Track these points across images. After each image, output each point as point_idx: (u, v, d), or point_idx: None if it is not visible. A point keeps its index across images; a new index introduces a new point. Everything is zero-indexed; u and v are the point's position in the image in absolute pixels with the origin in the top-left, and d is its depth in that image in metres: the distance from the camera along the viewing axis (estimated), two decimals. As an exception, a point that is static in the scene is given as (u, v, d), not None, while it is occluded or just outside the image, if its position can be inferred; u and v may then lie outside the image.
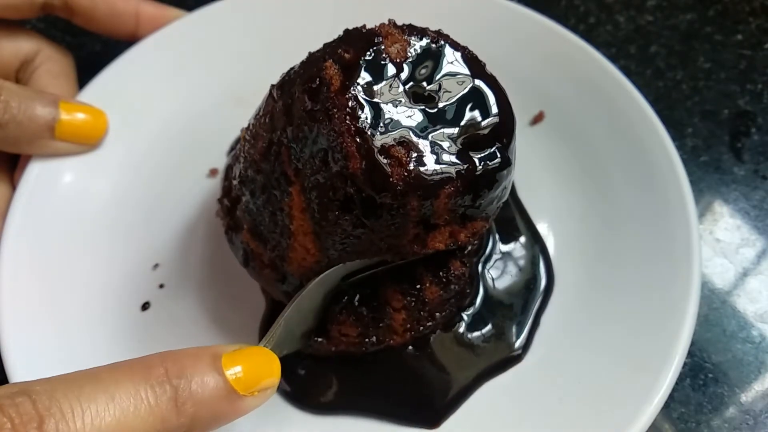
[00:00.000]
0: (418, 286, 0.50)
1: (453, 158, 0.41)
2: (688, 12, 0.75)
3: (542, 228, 0.58)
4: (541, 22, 0.62)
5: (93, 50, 0.73)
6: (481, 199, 0.42)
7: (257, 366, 0.43)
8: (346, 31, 0.44)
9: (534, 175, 0.60)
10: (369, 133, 0.40)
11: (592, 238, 0.56)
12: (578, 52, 0.60)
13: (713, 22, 0.74)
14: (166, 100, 0.63)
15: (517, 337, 0.53)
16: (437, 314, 0.51)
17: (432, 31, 0.44)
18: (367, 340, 0.50)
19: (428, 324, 0.51)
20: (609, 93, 0.58)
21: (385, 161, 0.39)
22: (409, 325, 0.51)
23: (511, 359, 0.51)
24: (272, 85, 0.46)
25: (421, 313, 0.51)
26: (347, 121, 0.39)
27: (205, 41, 0.64)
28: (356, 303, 0.50)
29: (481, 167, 0.41)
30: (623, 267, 0.53)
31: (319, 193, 0.42)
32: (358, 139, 0.39)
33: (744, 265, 0.59)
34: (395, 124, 0.40)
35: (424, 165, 0.40)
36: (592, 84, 0.59)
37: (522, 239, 0.57)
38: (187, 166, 0.62)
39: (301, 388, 0.51)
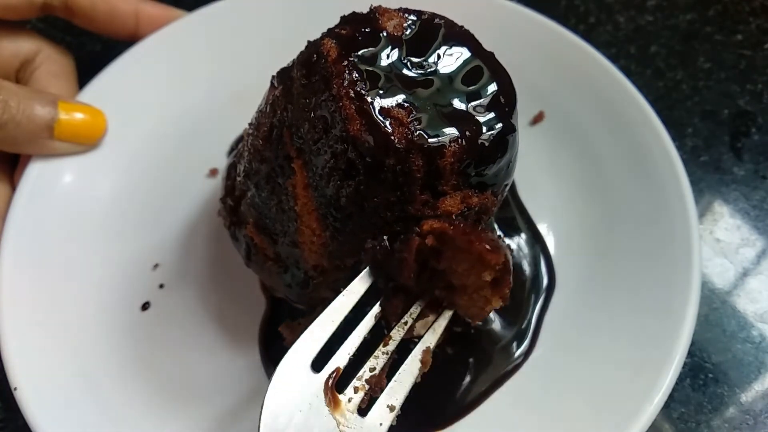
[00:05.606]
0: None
1: (456, 120, 0.40)
2: (688, 12, 0.75)
3: (542, 228, 0.58)
4: (540, 21, 0.62)
5: (93, 50, 0.73)
6: (488, 164, 0.41)
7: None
8: (343, 16, 0.43)
9: (534, 175, 0.60)
10: (368, 96, 0.39)
11: (592, 238, 0.56)
12: (578, 52, 0.60)
13: (713, 22, 0.74)
14: (166, 100, 0.63)
15: (521, 341, 0.52)
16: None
17: (428, 12, 0.44)
18: None
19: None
20: (609, 93, 0.58)
21: (385, 121, 0.38)
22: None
23: (516, 366, 0.51)
24: (273, 76, 0.46)
25: None
26: (345, 86, 0.39)
27: (205, 41, 0.65)
28: None
29: (486, 129, 0.40)
30: (623, 267, 0.53)
31: (322, 163, 0.41)
32: (357, 102, 0.39)
33: (744, 265, 0.59)
34: (395, 89, 0.40)
35: (426, 125, 0.39)
36: (592, 84, 0.60)
37: (523, 239, 0.57)
38: (187, 167, 0.62)
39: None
